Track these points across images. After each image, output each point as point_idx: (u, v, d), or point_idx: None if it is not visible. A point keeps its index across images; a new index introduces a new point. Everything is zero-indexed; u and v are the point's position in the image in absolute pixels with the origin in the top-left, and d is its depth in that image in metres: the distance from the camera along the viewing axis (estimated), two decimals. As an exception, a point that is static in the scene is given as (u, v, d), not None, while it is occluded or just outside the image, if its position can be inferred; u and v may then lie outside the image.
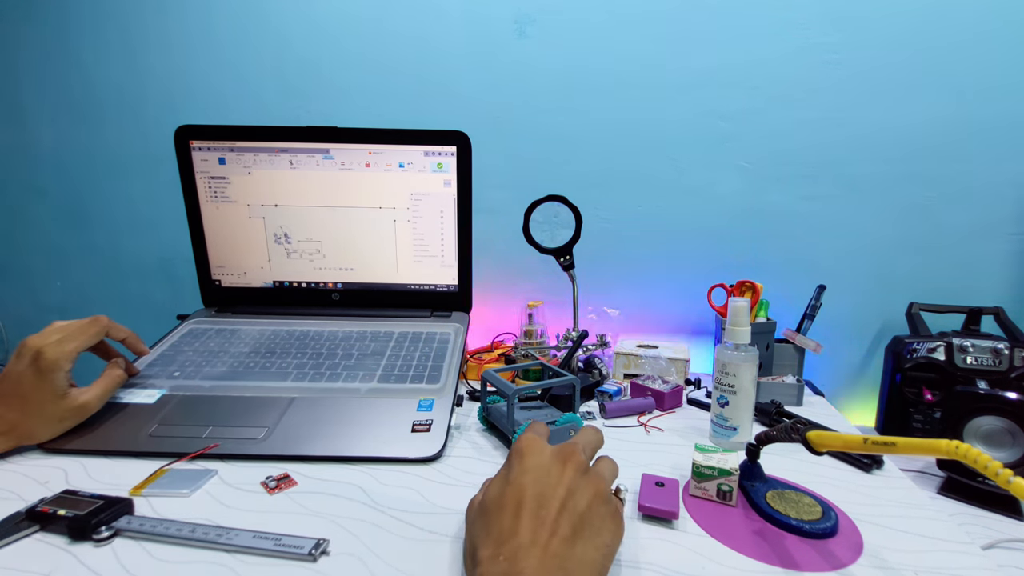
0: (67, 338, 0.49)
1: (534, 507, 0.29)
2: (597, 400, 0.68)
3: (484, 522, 0.30)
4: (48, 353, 0.46)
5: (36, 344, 0.47)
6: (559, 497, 0.30)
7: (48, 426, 0.48)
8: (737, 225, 0.90)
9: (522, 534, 0.28)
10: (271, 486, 0.44)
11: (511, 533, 0.28)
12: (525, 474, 0.31)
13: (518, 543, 0.27)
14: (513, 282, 0.97)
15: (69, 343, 0.48)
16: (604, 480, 0.33)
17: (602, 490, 0.32)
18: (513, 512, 0.29)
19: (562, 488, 0.31)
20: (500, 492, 0.31)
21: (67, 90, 1.01)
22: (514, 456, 0.33)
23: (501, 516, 0.29)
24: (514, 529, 0.28)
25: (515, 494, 0.30)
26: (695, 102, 0.87)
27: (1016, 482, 0.27)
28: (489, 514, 0.31)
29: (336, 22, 0.93)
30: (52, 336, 0.48)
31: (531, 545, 0.27)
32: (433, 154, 0.73)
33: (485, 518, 0.31)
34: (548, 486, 0.31)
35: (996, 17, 0.77)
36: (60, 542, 0.36)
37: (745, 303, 0.55)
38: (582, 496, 0.31)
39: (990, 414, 0.57)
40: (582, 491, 0.31)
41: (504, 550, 0.27)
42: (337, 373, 0.61)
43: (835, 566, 0.37)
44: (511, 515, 0.29)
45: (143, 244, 1.05)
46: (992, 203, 0.82)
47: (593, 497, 0.31)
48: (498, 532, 0.29)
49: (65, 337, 0.49)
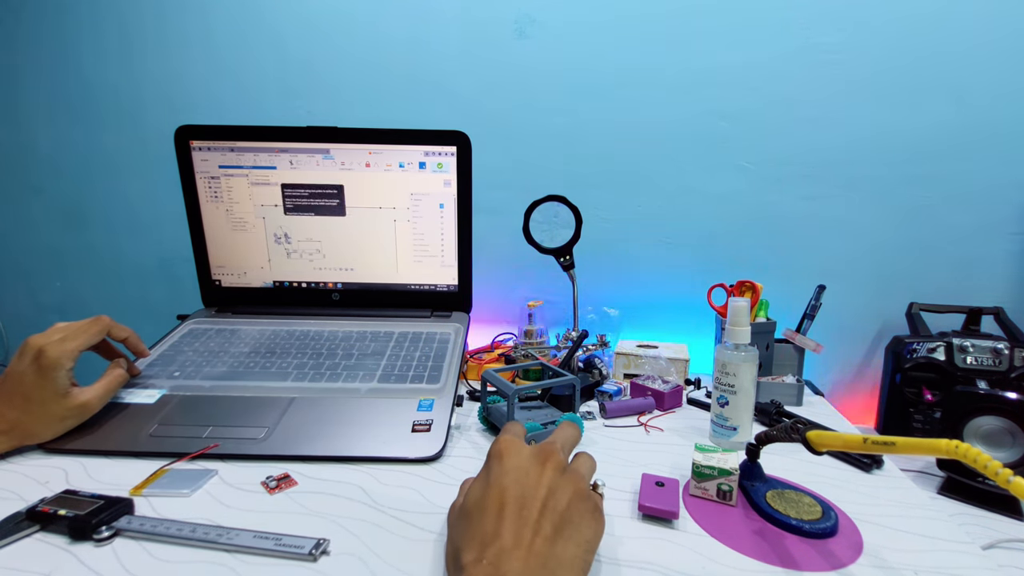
0: (69, 337, 0.49)
1: (516, 508, 0.29)
2: (597, 400, 0.68)
3: (466, 525, 0.30)
4: (50, 352, 0.47)
5: (38, 343, 0.47)
6: (540, 497, 0.30)
7: (49, 425, 0.48)
8: (737, 225, 0.90)
9: (505, 536, 0.28)
10: (271, 486, 0.44)
11: (494, 535, 0.28)
12: (505, 475, 0.31)
13: (501, 545, 0.27)
14: (513, 282, 0.97)
15: (71, 342, 0.49)
16: (583, 477, 0.33)
17: (581, 488, 0.32)
18: (495, 514, 0.29)
19: (542, 488, 0.31)
20: (481, 495, 0.31)
21: (66, 90, 1.01)
22: (493, 458, 0.33)
23: (483, 519, 0.29)
24: (497, 531, 0.28)
25: (496, 496, 0.30)
26: (695, 102, 0.87)
27: (1016, 482, 0.27)
28: (471, 517, 0.30)
29: (335, 24, 0.93)
30: (54, 335, 0.48)
31: (514, 547, 0.27)
32: (433, 154, 0.73)
33: (466, 521, 0.31)
34: (528, 487, 0.31)
35: (996, 18, 0.77)
36: (60, 542, 0.36)
37: (745, 303, 0.55)
38: (562, 495, 0.31)
39: (990, 414, 0.57)
40: (562, 490, 0.31)
41: (487, 553, 0.27)
42: (337, 373, 0.61)
43: (835, 566, 0.37)
44: (493, 517, 0.29)
45: (143, 244, 1.05)
46: (992, 203, 0.82)
47: (573, 495, 0.31)
48: (481, 535, 0.29)
49: (67, 336, 0.49)
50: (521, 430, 0.38)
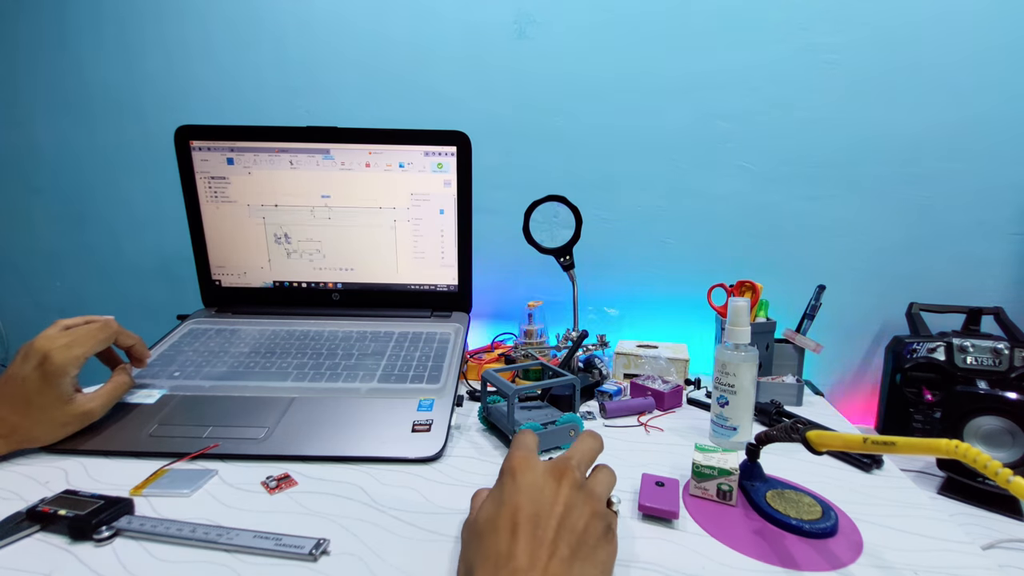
0: (75, 343, 0.47)
1: (530, 528, 0.28)
2: (597, 400, 0.68)
3: (478, 544, 0.29)
4: (56, 358, 0.45)
5: (44, 348, 0.46)
6: (556, 516, 0.29)
7: (50, 431, 0.47)
8: (737, 225, 0.90)
9: (519, 557, 0.27)
10: (271, 486, 0.44)
11: (508, 556, 0.27)
12: (519, 493, 0.30)
13: (515, 567, 0.26)
14: (513, 282, 0.97)
15: (77, 348, 0.47)
16: (600, 497, 0.32)
17: (598, 507, 0.31)
18: (509, 534, 0.28)
19: (559, 506, 0.30)
20: (495, 513, 0.30)
21: (65, 90, 1.01)
22: (506, 474, 0.32)
23: (496, 538, 0.28)
24: (511, 552, 0.27)
25: (509, 514, 0.29)
26: (695, 102, 0.87)
27: (1016, 482, 0.27)
28: (483, 536, 0.29)
29: (335, 24, 0.93)
30: (60, 340, 0.47)
31: (529, 569, 0.26)
32: (433, 154, 0.73)
33: (479, 540, 0.29)
34: (543, 505, 0.30)
35: (996, 18, 0.77)
36: (61, 542, 0.36)
37: (745, 303, 0.55)
38: (579, 514, 0.30)
39: (990, 414, 0.57)
40: (579, 509, 0.30)
41: (501, 575, 0.27)
42: (337, 373, 0.61)
43: (835, 566, 0.37)
44: (507, 537, 0.28)
45: (143, 244, 1.05)
46: (992, 203, 0.82)
47: (591, 516, 0.30)
48: (495, 555, 0.28)
49: (73, 342, 0.47)
50: (534, 441, 0.37)
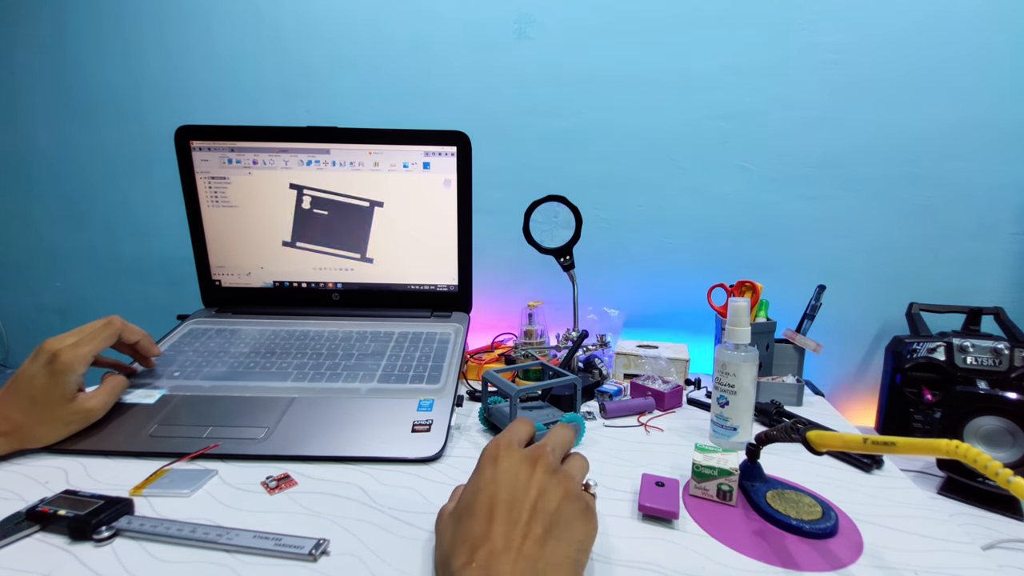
0: (82, 341, 0.49)
1: (505, 510, 0.29)
2: (597, 400, 0.68)
3: (456, 529, 0.30)
4: (64, 356, 0.47)
5: (53, 347, 0.47)
6: (530, 499, 0.30)
7: (52, 429, 0.48)
8: (737, 225, 0.90)
9: (495, 539, 0.28)
10: (271, 486, 0.44)
11: (483, 538, 0.28)
12: (495, 478, 0.31)
13: (491, 548, 0.27)
14: (513, 282, 0.97)
15: (84, 346, 0.48)
16: (573, 478, 0.33)
17: (571, 488, 0.32)
18: (485, 517, 0.29)
19: (532, 489, 0.31)
20: (472, 497, 0.31)
21: (66, 90, 1.01)
22: (485, 461, 0.33)
23: (473, 522, 0.29)
24: (486, 534, 0.28)
25: (486, 499, 0.30)
26: (696, 102, 0.87)
27: (1016, 482, 0.27)
28: (461, 520, 0.30)
29: (335, 24, 0.93)
30: (68, 339, 0.48)
31: (504, 550, 0.27)
32: (433, 154, 0.73)
33: (457, 525, 0.31)
34: (518, 488, 0.31)
35: (996, 18, 0.77)
36: (60, 542, 0.36)
37: (745, 303, 0.55)
38: (552, 495, 0.31)
39: (990, 414, 0.57)
40: (552, 491, 0.31)
41: (477, 556, 0.27)
42: (337, 373, 0.61)
43: (835, 566, 0.37)
44: (483, 520, 0.29)
45: (143, 244, 1.05)
46: (992, 203, 0.82)
47: (563, 496, 0.31)
48: (471, 538, 0.29)
49: (80, 340, 0.49)
50: (526, 429, 0.37)
